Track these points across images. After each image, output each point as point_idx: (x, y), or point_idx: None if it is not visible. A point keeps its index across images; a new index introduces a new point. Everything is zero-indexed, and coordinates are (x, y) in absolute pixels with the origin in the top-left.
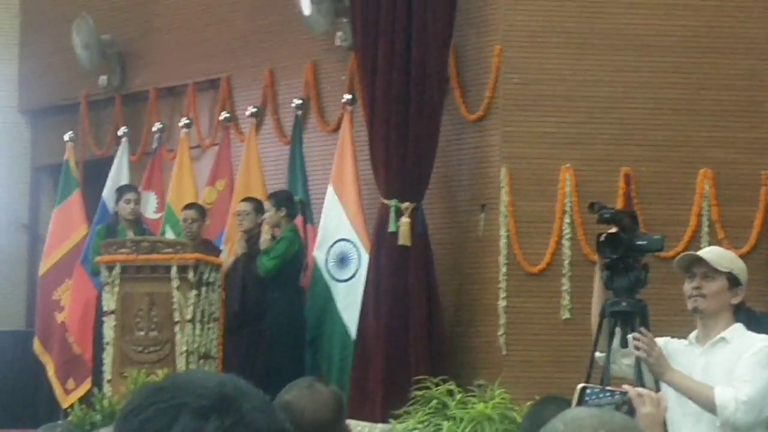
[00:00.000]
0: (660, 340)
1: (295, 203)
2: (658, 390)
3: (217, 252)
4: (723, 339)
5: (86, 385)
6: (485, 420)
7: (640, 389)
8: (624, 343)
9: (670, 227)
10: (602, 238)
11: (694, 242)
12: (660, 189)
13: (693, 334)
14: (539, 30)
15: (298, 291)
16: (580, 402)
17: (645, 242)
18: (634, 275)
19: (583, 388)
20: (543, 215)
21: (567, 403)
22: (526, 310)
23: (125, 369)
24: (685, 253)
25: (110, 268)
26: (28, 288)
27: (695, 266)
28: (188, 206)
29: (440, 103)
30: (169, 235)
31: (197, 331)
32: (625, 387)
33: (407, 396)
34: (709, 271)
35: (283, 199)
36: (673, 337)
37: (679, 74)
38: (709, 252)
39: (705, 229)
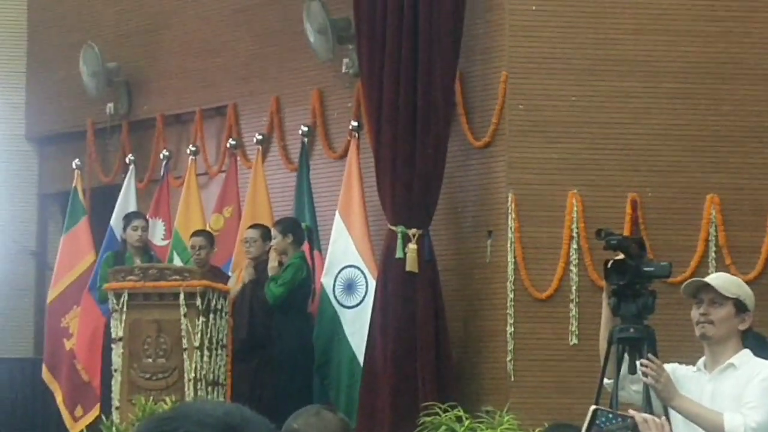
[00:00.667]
0: (668, 367)
1: (302, 230)
2: (666, 416)
3: (225, 278)
4: (731, 365)
5: (94, 412)
6: None
7: (645, 415)
8: (632, 370)
9: (677, 253)
10: (609, 265)
11: (702, 268)
12: (667, 215)
13: (701, 361)
14: (545, 57)
15: (306, 317)
16: (591, 424)
17: (652, 268)
18: (642, 301)
19: (595, 411)
20: (550, 241)
21: (576, 430)
22: (533, 336)
23: (133, 396)
24: (692, 279)
25: (118, 296)
26: (36, 315)
27: (702, 292)
28: (196, 233)
29: (446, 130)
30: (177, 262)
31: (205, 358)
32: (631, 412)
33: (415, 422)
34: (717, 297)
35: (289, 226)
36: (681, 363)
37: (686, 100)
38: (716, 278)
39: (712, 254)
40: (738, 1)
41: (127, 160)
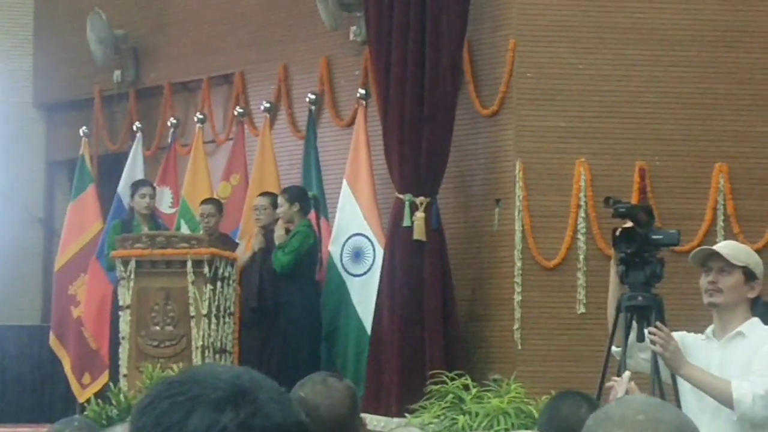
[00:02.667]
0: (676, 335)
1: (309, 198)
2: (675, 384)
3: (234, 246)
4: (740, 333)
5: (102, 380)
6: (501, 414)
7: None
8: (640, 338)
9: (685, 221)
10: (618, 233)
11: (710, 236)
12: (675, 183)
13: (709, 329)
14: (553, 24)
15: (314, 286)
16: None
17: (661, 236)
18: (650, 270)
19: None
20: (558, 209)
21: (584, 398)
22: (541, 305)
23: (141, 364)
24: (700, 247)
25: (125, 263)
26: (44, 283)
27: (711, 261)
28: (205, 201)
29: (454, 98)
30: (184, 229)
31: (213, 326)
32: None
33: (423, 390)
34: (725, 265)
35: (296, 195)
36: (689, 331)
37: (694, 68)
38: (725, 246)
39: (720, 223)
40: None
41: (134, 128)
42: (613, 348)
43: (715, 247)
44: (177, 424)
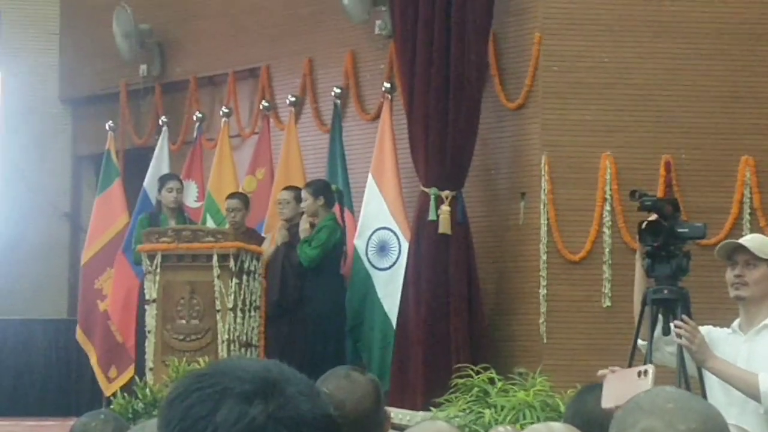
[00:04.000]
0: (702, 329)
1: (333, 192)
2: (701, 378)
3: (260, 240)
4: (766, 326)
5: (128, 374)
6: (526, 408)
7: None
8: (666, 331)
9: (711, 215)
10: (643, 226)
11: (736, 230)
12: (701, 176)
13: (735, 322)
14: (579, 17)
15: (339, 279)
16: None
17: (686, 230)
18: (676, 263)
19: None
20: (583, 203)
21: None
22: (566, 298)
23: (167, 357)
24: (726, 241)
25: (151, 257)
26: (70, 277)
27: (737, 254)
28: (231, 196)
29: (480, 92)
30: (210, 223)
31: (238, 320)
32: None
33: (448, 384)
34: (751, 258)
35: (320, 188)
36: (715, 325)
37: (720, 60)
38: (750, 240)
39: (746, 216)
40: None
41: (160, 122)
42: (639, 341)
43: (741, 241)
44: (205, 417)
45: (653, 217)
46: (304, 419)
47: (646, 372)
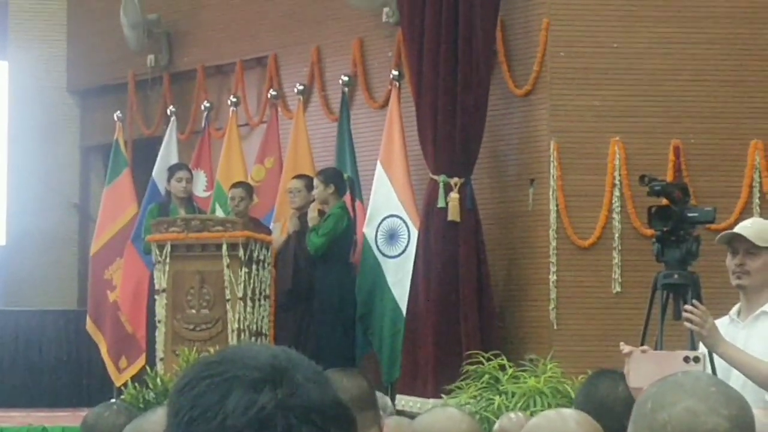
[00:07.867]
0: None
1: (344, 180)
2: (711, 362)
3: (265, 230)
4: (764, 312)
5: (139, 364)
6: (537, 394)
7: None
8: (677, 316)
9: (720, 200)
10: (653, 211)
11: (745, 214)
12: (710, 161)
13: (734, 309)
14: (586, 3)
15: (348, 268)
16: None
17: (696, 214)
18: (686, 247)
19: None
20: (592, 189)
21: (621, 376)
22: (576, 284)
23: (177, 347)
24: (726, 231)
25: (161, 247)
26: (80, 267)
27: (737, 242)
28: (235, 185)
29: (488, 78)
30: (219, 213)
31: (248, 309)
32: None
33: (458, 371)
34: (751, 247)
35: (331, 176)
36: (721, 313)
37: (729, 45)
38: (750, 227)
39: (756, 200)
40: None
41: (168, 112)
42: None
43: (740, 229)
44: (215, 404)
45: (663, 202)
46: (314, 406)
47: (696, 359)
